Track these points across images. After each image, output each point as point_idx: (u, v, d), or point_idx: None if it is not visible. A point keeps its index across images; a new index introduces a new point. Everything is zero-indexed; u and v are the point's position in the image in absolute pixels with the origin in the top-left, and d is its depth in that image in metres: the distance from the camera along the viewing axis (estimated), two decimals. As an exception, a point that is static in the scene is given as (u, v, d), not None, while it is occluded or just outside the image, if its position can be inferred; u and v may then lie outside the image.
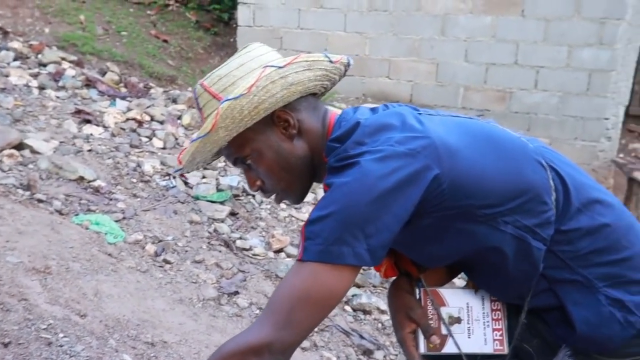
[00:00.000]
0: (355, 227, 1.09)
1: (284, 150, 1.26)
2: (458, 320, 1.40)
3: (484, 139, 1.24)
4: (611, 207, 1.29)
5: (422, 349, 1.37)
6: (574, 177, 1.28)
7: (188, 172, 1.38)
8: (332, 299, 1.12)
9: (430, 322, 1.38)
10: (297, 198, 1.34)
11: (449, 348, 1.39)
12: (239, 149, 1.27)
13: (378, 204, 1.10)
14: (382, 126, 1.20)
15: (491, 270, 1.31)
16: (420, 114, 1.28)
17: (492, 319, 1.41)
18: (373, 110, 1.31)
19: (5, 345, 2.02)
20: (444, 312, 1.40)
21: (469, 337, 1.40)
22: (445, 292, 1.42)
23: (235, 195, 4.13)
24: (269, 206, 4.20)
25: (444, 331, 1.38)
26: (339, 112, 1.33)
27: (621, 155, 6.32)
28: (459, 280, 1.67)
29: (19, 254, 2.66)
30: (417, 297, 1.40)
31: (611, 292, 1.24)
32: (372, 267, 1.50)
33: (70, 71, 5.53)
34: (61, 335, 2.23)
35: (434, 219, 1.19)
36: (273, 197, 1.36)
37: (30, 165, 3.71)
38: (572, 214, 1.24)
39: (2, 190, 3.31)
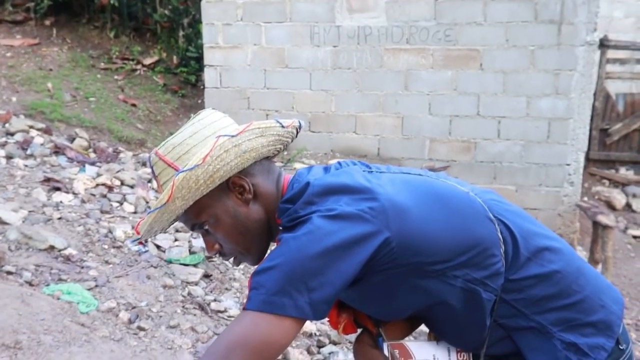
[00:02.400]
0: (299, 280, 1.13)
1: (240, 214, 1.30)
2: None
3: (432, 196, 1.29)
4: (560, 253, 1.35)
5: None
6: (522, 226, 1.34)
7: (145, 240, 1.40)
8: (270, 349, 1.13)
9: None
10: (255, 260, 1.37)
11: None
12: (196, 215, 1.30)
13: (323, 259, 1.14)
14: (331, 187, 1.25)
15: (445, 321, 1.36)
16: (371, 171, 1.33)
17: None
18: (326, 169, 1.36)
19: None
20: None
21: None
22: (411, 345, 1.45)
23: (208, 257, 4.12)
24: (242, 266, 4.20)
25: None
26: (293, 174, 1.38)
27: (585, 198, 6.50)
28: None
29: (-12, 330, 2.61)
30: (384, 351, 1.42)
31: (565, 336, 1.29)
32: (338, 331, 1.52)
33: (39, 139, 5.53)
34: (34, 412, 2.18)
35: (384, 276, 1.23)
36: (231, 260, 1.39)
37: (-1, 237, 3.67)
38: (522, 264, 1.30)
39: (-29, 263, 3.26)
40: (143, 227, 1.30)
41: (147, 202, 4.84)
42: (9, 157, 5.02)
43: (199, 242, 4.25)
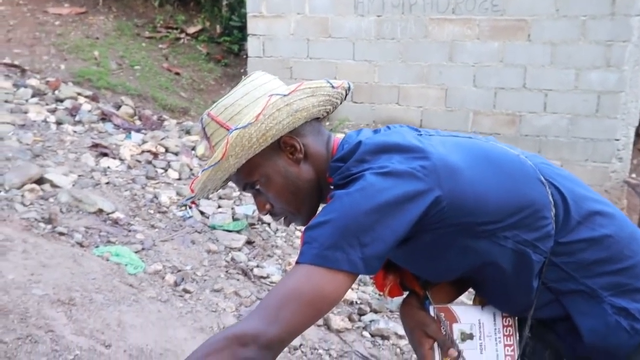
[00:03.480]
0: (352, 235, 1.13)
1: (291, 174, 1.32)
2: (470, 336, 1.44)
3: (483, 157, 1.29)
4: (612, 218, 1.33)
5: None
6: (573, 190, 1.32)
7: (199, 200, 1.43)
8: (323, 302, 1.14)
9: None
10: (305, 220, 1.38)
11: None
12: (248, 175, 1.32)
13: (375, 215, 1.14)
14: (383, 145, 1.25)
15: (493, 284, 1.36)
16: (420, 134, 1.33)
17: (504, 335, 1.44)
18: (375, 131, 1.37)
19: (35, 376, 2.07)
20: (456, 328, 1.43)
21: (481, 353, 1.43)
22: (456, 309, 1.45)
23: (251, 224, 4.18)
24: (284, 234, 4.25)
25: (456, 347, 1.42)
26: (342, 136, 1.39)
27: (633, 175, 6.33)
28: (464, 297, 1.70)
29: (44, 287, 2.72)
30: (430, 313, 1.43)
31: (616, 300, 1.27)
32: (384, 293, 1.53)
33: (86, 106, 5.65)
34: (87, 365, 2.27)
35: (434, 235, 1.23)
36: (282, 220, 1.41)
37: (51, 199, 3.79)
38: (572, 227, 1.28)
39: (25, 224, 3.38)
40: (197, 185, 1.33)
41: (190, 169, 4.91)
42: (58, 123, 5.14)
43: (242, 209, 4.31)
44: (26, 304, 2.51)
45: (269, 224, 4.28)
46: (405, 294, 1.53)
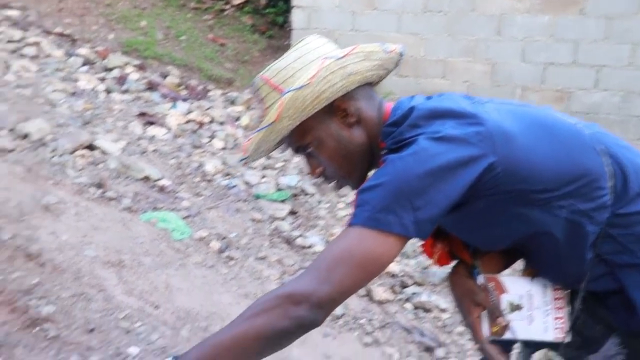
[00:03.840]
0: (404, 198, 1.13)
1: (344, 138, 1.31)
2: (519, 307, 1.42)
3: (539, 125, 1.26)
4: None
5: (486, 333, 1.40)
6: (633, 161, 1.28)
7: (252, 161, 1.44)
8: (374, 264, 1.14)
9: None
10: (356, 184, 1.37)
11: (510, 335, 1.41)
12: (300, 137, 1.32)
13: (428, 179, 1.13)
14: (437, 111, 1.23)
15: (545, 254, 1.33)
16: (473, 101, 1.31)
17: (554, 307, 1.42)
18: (428, 98, 1.35)
19: (90, 331, 2.14)
20: (505, 299, 1.42)
21: (530, 325, 1.42)
22: (505, 279, 1.44)
23: (295, 195, 4.21)
24: (327, 205, 4.27)
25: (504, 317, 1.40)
26: (394, 102, 1.38)
27: (686, 156, 6.12)
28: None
29: (95, 248, 2.80)
30: (478, 282, 1.42)
31: None
32: (433, 261, 1.52)
33: (134, 75, 5.73)
34: (138, 324, 2.33)
35: (487, 202, 1.21)
36: (333, 183, 1.41)
37: (101, 165, 3.87)
38: (631, 198, 1.25)
39: (77, 188, 3.47)
40: (250, 147, 1.34)
41: (235, 140, 4.96)
42: (107, 92, 5.23)
43: (285, 180, 4.34)
44: (79, 264, 2.60)
45: (312, 195, 4.30)
46: (454, 262, 1.52)
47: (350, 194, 4.53)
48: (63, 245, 2.69)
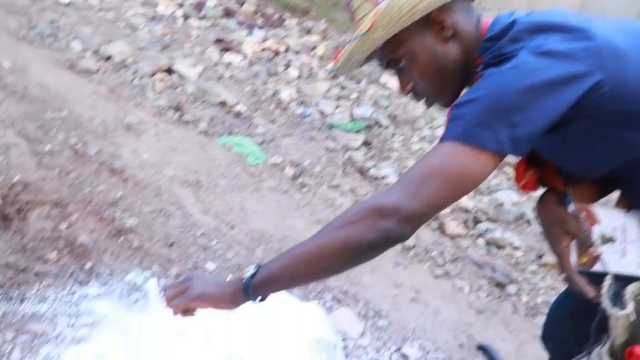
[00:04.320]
0: (502, 113, 1.06)
1: (438, 52, 1.24)
2: (611, 240, 1.35)
3: None
4: None
5: (574, 263, 1.34)
6: None
7: (342, 74, 1.39)
8: (465, 181, 1.09)
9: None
10: (447, 101, 1.30)
11: (600, 267, 1.35)
12: (394, 50, 1.26)
13: (529, 95, 1.05)
14: (541, 24, 1.14)
15: None
16: (581, 17, 1.21)
17: None
18: (529, 14, 1.26)
19: (170, 245, 2.22)
20: (596, 230, 1.35)
21: (622, 258, 1.35)
22: (598, 210, 1.36)
23: (368, 126, 4.16)
24: (401, 138, 4.21)
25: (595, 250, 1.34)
26: (492, 18, 1.29)
27: None
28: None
29: (174, 168, 2.87)
30: (570, 211, 1.36)
31: None
32: (519, 186, 1.45)
33: (211, 2, 5.72)
34: (214, 242, 2.40)
35: (589, 123, 1.13)
36: (423, 100, 1.35)
37: (179, 89, 3.93)
38: None
39: (156, 110, 3.54)
40: (342, 56, 1.30)
41: (310, 69, 4.91)
42: (185, 17, 5.25)
43: (360, 111, 4.29)
44: (159, 182, 2.68)
45: (386, 127, 4.24)
46: (541, 190, 1.46)
47: (424, 127, 4.44)
48: (144, 163, 2.78)
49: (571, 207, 1.36)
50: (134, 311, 1.70)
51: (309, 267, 1.10)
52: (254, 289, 1.12)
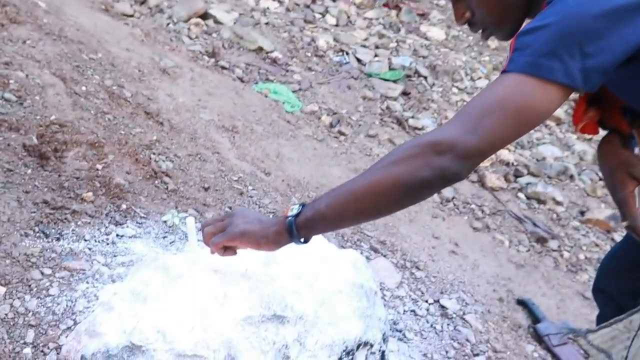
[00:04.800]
0: (573, 41, 0.95)
1: None
2: None
3: None
4: None
5: None
6: None
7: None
8: (530, 115, 0.99)
9: None
10: (507, 35, 1.20)
11: None
12: None
13: (606, 20, 0.94)
14: None
15: None
16: None
17: None
18: None
19: (206, 189, 2.18)
20: None
21: None
22: None
23: (408, 76, 4.04)
24: (440, 89, 4.08)
25: None
26: None
27: None
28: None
29: (210, 112, 2.82)
30: (636, 154, 1.26)
31: None
32: (576, 129, 1.36)
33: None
34: (250, 187, 2.36)
35: None
36: (480, 32, 1.25)
37: (214, 35, 3.86)
38: None
39: (191, 55, 3.48)
40: None
41: (348, 17, 4.77)
42: (220, -38, 5.13)
43: (398, 60, 4.17)
44: (195, 126, 2.63)
45: (425, 78, 4.12)
46: (601, 134, 1.36)
47: (465, 78, 4.30)
48: (179, 107, 2.73)
49: (638, 150, 1.27)
50: (170, 251, 1.68)
51: (357, 206, 1.03)
52: (298, 228, 1.07)
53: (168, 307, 1.18)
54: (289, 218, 1.07)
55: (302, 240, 1.09)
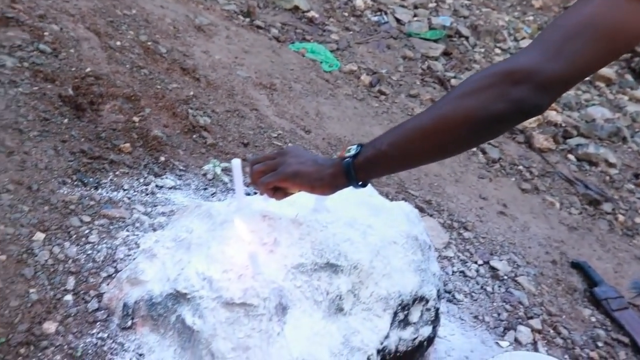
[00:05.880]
0: None
1: None
2: None
3: None
4: None
5: None
6: None
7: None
8: (623, 38, 0.88)
9: None
10: None
11: None
12: None
13: None
14: None
15: None
16: None
17: None
18: None
19: (245, 145, 2.10)
20: None
21: None
22: None
23: (448, 36, 3.89)
24: (482, 50, 3.92)
25: None
26: None
27: None
28: None
29: (247, 70, 2.73)
30: None
31: None
32: None
33: None
34: (290, 145, 2.27)
35: None
36: None
37: (249, -6, 3.74)
38: None
39: (226, 15, 3.38)
40: None
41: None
42: None
43: (439, 20, 4.00)
44: (232, 83, 2.54)
45: (466, 38, 3.95)
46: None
47: (508, 38, 4.12)
48: (216, 64, 2.64)
49: None
50: (212, 201, 1.61)
51: (423, 145, 0.92)
52: (356, 170, 0.97)
53: (213, 253, 1.10)
54: (347, 159, 0.97)
55: (360, 183, 0.99)
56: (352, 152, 0.98)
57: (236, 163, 1.16)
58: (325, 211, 1.21)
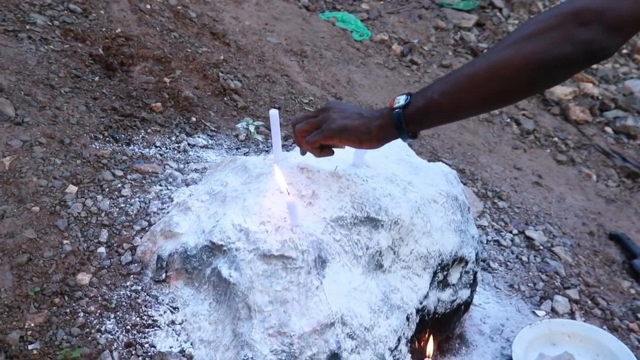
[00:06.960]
0: None
1: None
2: None
3: None
4: None
5: None
6: None
7: None
8: None
9: None
10: None
11: None
12: None
13: None
14: None
15: None
16: None
17: None
18: None
19: (277, 109, 2.06)
20: None
21: None
22: None
23: (482, 7, 3.79)
24: (516, 22, 3.81)
25: None
26: None
27: None
28: None
29: (277, 36, 2.68)
30: None
31: None
32: None
33: None
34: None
35: None
36: None
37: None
38: None
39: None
40: None
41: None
42: None
43: (472, -10, 3.91)
44: (262, 49, 2.50)
45: (500, 10, 3.85)
46: None
47: (542, 10, 4.01)
48: (246, 30, 2.60)
49: None
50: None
51: (479, 93, 0.87)
52: (407, 121, 0.92)
53: (250, 205, 1.07)
54: (397, 110, 0.93)
55: (410, 135, 0.95)
56: (402, 103, 0.93)
57: (274, 113, 1.12)
58: (365, 166, 1.17)
